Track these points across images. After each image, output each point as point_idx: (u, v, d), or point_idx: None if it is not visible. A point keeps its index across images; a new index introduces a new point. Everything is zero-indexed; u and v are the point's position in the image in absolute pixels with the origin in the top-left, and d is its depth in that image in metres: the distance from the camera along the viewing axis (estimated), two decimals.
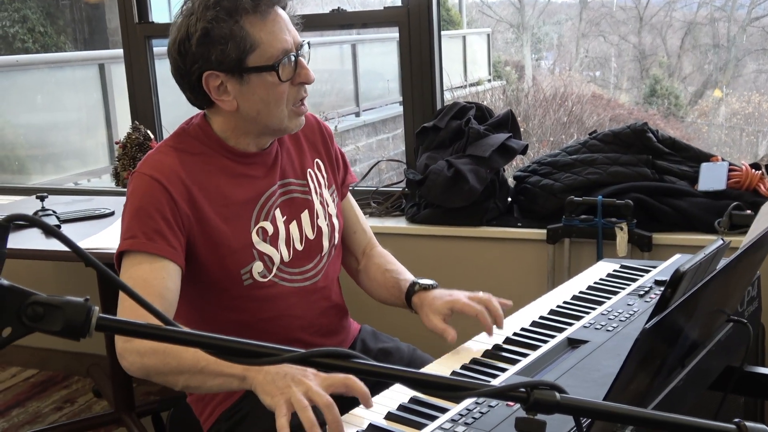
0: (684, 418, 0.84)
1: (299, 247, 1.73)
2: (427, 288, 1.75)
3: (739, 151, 7.89)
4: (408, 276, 1.83)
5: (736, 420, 0.84)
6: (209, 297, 1.67)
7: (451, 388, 0.75)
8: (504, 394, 0.75)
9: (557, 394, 0.76)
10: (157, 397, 3.31)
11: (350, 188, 1.95)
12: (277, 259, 1.69)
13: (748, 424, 0.83)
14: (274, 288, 1.69)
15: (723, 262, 1.19)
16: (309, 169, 1.80)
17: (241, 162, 1.69)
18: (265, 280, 1.68)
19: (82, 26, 8.51)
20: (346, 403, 1.36)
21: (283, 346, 0.71)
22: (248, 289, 1.67)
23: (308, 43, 1.67)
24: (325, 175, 1.83)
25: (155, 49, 3.38)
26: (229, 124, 1.67)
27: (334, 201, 1.84)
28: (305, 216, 1.76)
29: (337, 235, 1.83)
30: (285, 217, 1.72)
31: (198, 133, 1.69)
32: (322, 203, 1.80)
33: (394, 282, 1.83)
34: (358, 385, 1.32)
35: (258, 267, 1.67)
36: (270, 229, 1.69)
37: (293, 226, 1.73)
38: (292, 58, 1.61)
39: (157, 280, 1.54)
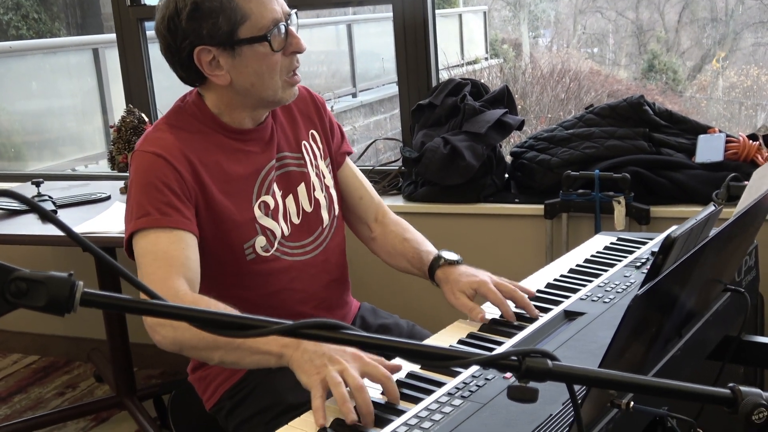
0: (678, 383, 0.84)
1: (296, 220, 1.74)
2: (452, 263, 1.73)
3: (738, 124, 7.86)
4: (429, 247, 1.82)
5: (731, 384, 0.84)
6: (212, 272, 1.67)
7: (443, 358, 0.75)
8: (496, 362, 0.74)
9: (549, 362, 0.75)
10: (158, 380, 3.32)
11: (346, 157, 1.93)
12: (278, 233, 1.70)
13: (743, 388, 0.83)
14: (276, 262, 1.70)
15: (717, 230, 1.18)
16: (304, 141, 1.79)
17: (237, 139, 1.69)
18: (268, 254, 1.68)
19: (75, 12, 8.47)
20: None
21: (273, 318, 0.71)
22: (251, 264, 1.67)
23: (296, 13, 1.66)
24: (320, 146, 1.82)
25: (148, 33, 3.36)
26: (223, 99, 1.67)
27: (330, 172, 1.83)
28: (302, 189, 1.76)
29: (336, 206, 1.82)
30: (281, 192, 1.72)
31: (194, 110, 1.68)
32: (318, 175, 1.79)
33: (415, 252, 1.81)
34: (393, 387, 1.29)
35: (261, 241, 1.67)
36: (271, 203, 1.70)
37: (289, 200, 1.73)
38: (282, 28, 1.60)
39: (179, 252, 1.54)
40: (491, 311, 1.60)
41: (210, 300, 1.51)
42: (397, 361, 1.36)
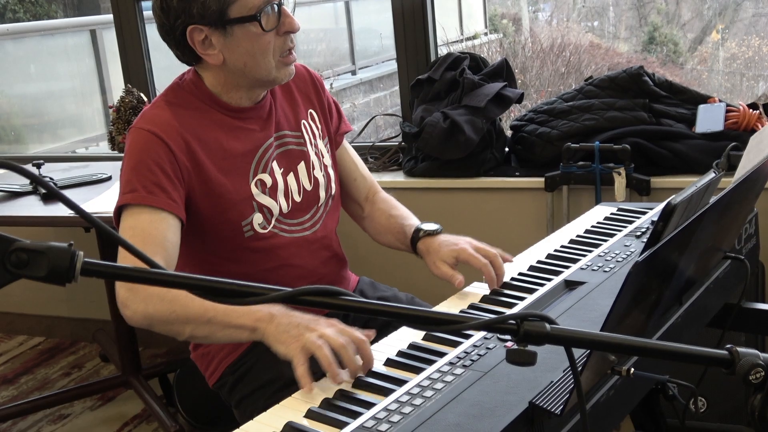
0: (677, 345, 0.85)
1: (297, 198, 1.75)
2: (431, 233, 1.76)
3: (740, 96, 7.83)
4: (413, 221, 1.84)
5: (728, 346, 0.85)
6: (210, 249, 1.68)
7: (442, 322, 0.75)
8: (494, 326, 0.75)
9: (547, 325, 0.76)
10: (163, 359, 3.34)
11: (345, 137, 1.94)
12: (276, 211, 1.71)
13: (740, 349, 0.84)
14: (274, 239, 1.71)
15: (716, 197, 1.19)
16: (303, 121, 1.80)
17: (236, 117, 1.69)
18: (265, 231, 1.69)
19: None
20: None
21: (271, 286, 0.71)
22: (249, 241, 1.68)
23: None
24: (319, 126, 1.83)
25: (145, 12, 3.34)
26: (219, 78, 1.67)
27: (328, 152, 1.84)
28: (302, 167, 1.76)
29: (333, 185, 1.83)
30: (282, 169, 1.73)
31: (192, 88, 1.69)
32: (317, 154, 1.80)
33: (399, 227, 1.84)
34: (368, 350, 1.31)
35: (258, 218, 1.68)
36: (269, 181, 1.70)
37: (290, 177, 1.74)
38: (275, 8, 1.59)
39: (158, 231, 1.55)
40: (487, 287, 1.61)
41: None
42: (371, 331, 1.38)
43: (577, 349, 1.12)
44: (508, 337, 0.83)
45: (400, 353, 1.34)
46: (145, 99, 2.92)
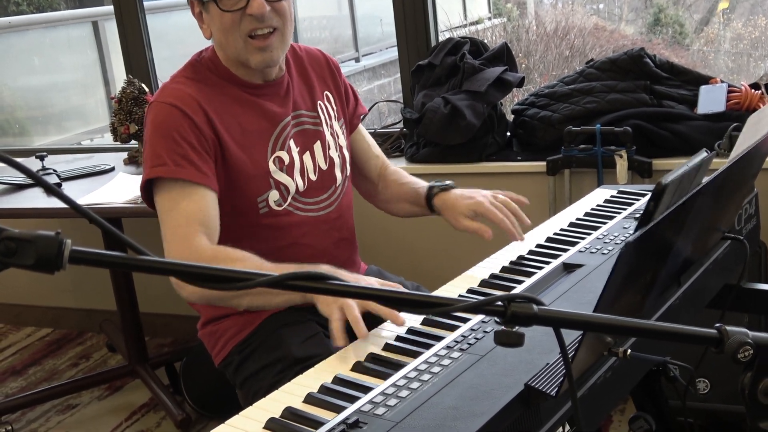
0: (666, 324, 0.85)
1: (313, 177, 1.78)
2: (445, 188, 1.81)
3: (747, 76, 7.78)
4: (424, 183, 1.89)
5: (717, 325, 0.85)
6: (225, 223, 1.70)
7: (429, 305, 0.76)
8: (481, 308, 0.76)
9: (534, 306, 0.76)
10: (169, 348, 3.36)
11: (361, 119, 1.98)
12: (292, 189, 1.74)
13: (729, 328, 0.84)
14: (289, 217, 1.74)
15: (710, 177, 1.19)
16: (319, 102, 1.84)
17: (253, 93, 1.73)
18: (280, 208, 1.72)
19: None
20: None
21: (258, 271, 0.72)
22: (264, 217, 1.72)
23: None
24: (334, 107, 1.87)
25: (145, 3, 3.35)
26: (221, 53, 1.73)
27: (343, 133, 1.88)
28: (317, 147, 1.80)
29: (348, 166, 1.87)
30: (299, 148, 1.76)
31: (210, 65, 1.73)
32: (332, 135, 1.83)
33: (412, 191, 1.89)
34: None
35: (274, 195, 1.71)
36: (286, 158, 1.73)
37: (306, 156, 1.77)
38: None
39: (198, 210, 1.60)
40: (486, 271, 1.61)
41: (228, 249, 1.58)
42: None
43: (573, 332, 1.14)
44: None
45: (399, 338, 1.35)
46: (147, 90, 2.93)
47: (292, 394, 1.22)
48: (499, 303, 0.75)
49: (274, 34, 1.66)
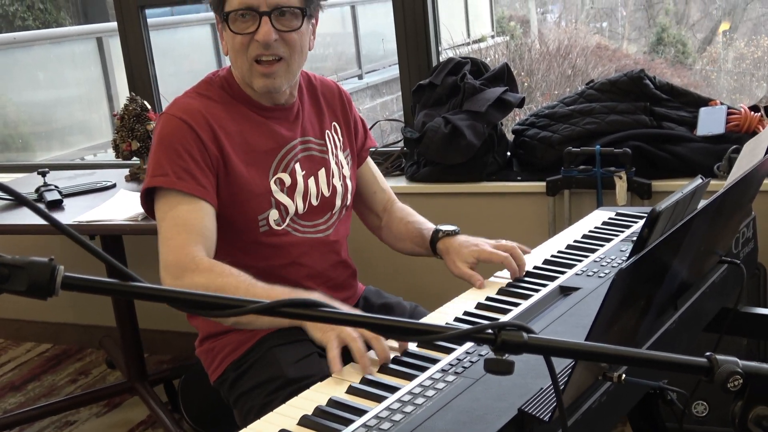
0: (656, 353, 0.85)
1: (314, 202, 1.81)
2: (450, 234, 1.83)
3: (749, 96, 7.80)
4: (430, 225, 1.91)
5: (708, 353, 0.85)
6: (225, 240, 1.72)
7: (419, 332, 0.77)
8: (472, 336, 0.76)
9: (524, 334, 0.77)
10: (168, 365, 3.36)
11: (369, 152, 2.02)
12: (291, 210, 1.77)
13: (719, 357, 0.84)
14: (287, 236, 1.77)
15: (705, 202, 1.19)
16: (327, 131, 1.88)
17: (262, 114, 1.78)
18: (280, 228, 1.76)
19: (83, 1, 8.47)
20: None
21: (249, 298, 0.73)
22: (263, 236, 1.74)
23: (281, 10, 1.67)
24: (341, 139, 1.91)
25: (149, 20, 3.37)
26: (236, 71, 1.77)
27: (348, 164, 1.91)
28: (322, 174, 1.83)
29: (349, 196, 1.90)
30: (304, 172, 1.80)
31: (223, 83, 1.78)
32: (337, 164, 1.87)
33: (417, 231, 1.90)
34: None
35: (274, 215, 1.75)
36: (288, 180, 1.77)
37: (311, 181, 1.81)
38: (253, 14, 1.66)
39: (197, 221, 1.63)
40: (482, 293, 1.62)
41: (224, 266, 1.59)
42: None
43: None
44: None
45: (395, 360, 1.35)
46: (149, 107, 2.94)
47: (286, 416, 1.22)
48: (490, 331, 0.76)
49: (279, 63, 1.69)
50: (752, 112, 2.51)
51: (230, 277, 1.57)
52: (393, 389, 1.23)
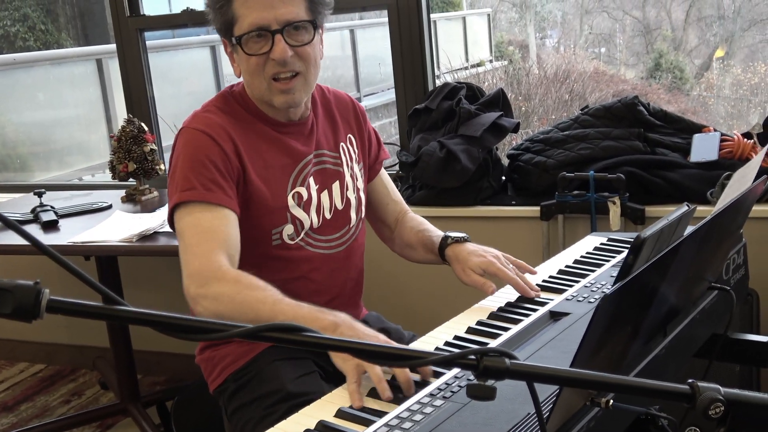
0: (639, 380, 0.86)
1: (328, 215, 1.81)
2: (459, 240, 1.83)
3: (746, 122, 7.84)
4: (440, 232, 1.91)
5: (690, 381, 0.86)
6: None
7: (403, 358, 0.77)
8: (454, 361, 0.76)
9: (507, 360, 0.77)
10: (161, 387, 3.35)
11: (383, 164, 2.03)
12: (306, 224, 1.77)
13: (701, 384, 0.85)
14: (300, 251, 1.77)
15: (692, 229, 1.20)
16: (342, 143, 1.88)
17: (278, 130, 1.78)
18: (293, 242, 1.76)
19: (83, 22, 8.54)
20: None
21: (233, 323, 0.73)
22: (275, 249, 1.74)
23: (294, 26, 1.68)
24: (356, 151, 1.91)
25: (148, 42, 3.39)
26: (250, 91, 1.77)
27: (362, 176, 1.91)
28: (336, 186, 1.84)
29: (363, 209, 1.91)
30: (318, 186, 1.80)
31: (239, 99, 1.79)
32: (352, 176, 1.87)
33: (427, 239, 1.91)
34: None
35: (289, 230, 1.75)
36: (305, 194, 1.77)
37: (324, 195, 1.81)
38: (266, 35, 1.66)
39: (221, 228, 1.62)
40: (473, 318, 1.62)
41: (251, 278, 1.58)
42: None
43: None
44: None
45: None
46: (146, 128, 2.96)
47: None
48: (472, 357, 0.76)
49: (296, 78, 1.70)
50: (745, 139, 2.53)
51: (257, 290, 1.55)
52: (381, 413, 1.23)
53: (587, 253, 1.88)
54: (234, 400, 1.72)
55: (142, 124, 2.95)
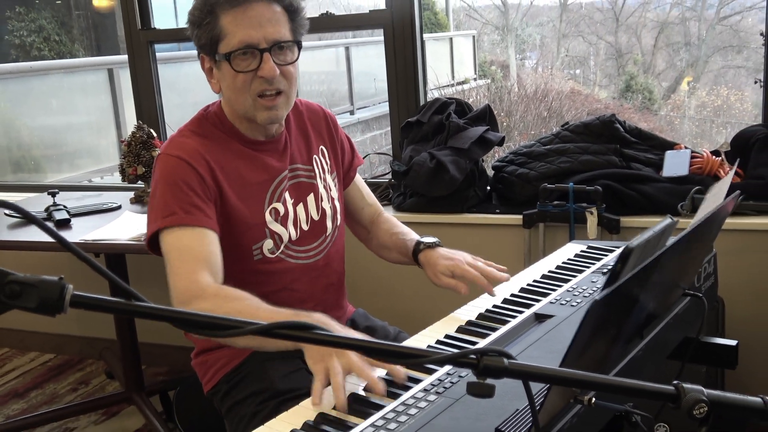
0: (628, 381, 0.85)
1: (305, 227, 1.78)
2: (431, 246, 1.80)
3: (710, 141, 7.89)
4: (414, 236, 1.89)
5: (675, 382, 0.85)
6: None
7: (407, 356, 0.76)
8: (456, 360, 0.75)
9: (505, 360, 0.76)
10: (164, 377, 3.32)
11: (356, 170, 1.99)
12: (285, 238, 1.74)
13: (686, 385, 0.84)
14: (280, 263, 1.73)
15: (673, 240, 1.19)
16: (315, 156, 1.84)
17: (254, 148, 1.73)
18: (273, 256, 1.72)
19: (96, 33, 8.49)
20: None
21: (249, 320, 0.72)
22: (257, 264, 1.71)
23: (280, 45, 1.64)
24: (328, 161, 1.86)
25: (158, 54, 3.37)
26: (228, 108, 1.72)
27: (335, 185, 1.87)
28: (311, 199, 1.80)
29: (339, 216, 1.87)
30: (293, 200, 1.76)
31: (215, 120, 1.73)
32: (325, 187, 1.84)
33: (401, 242, 1.88)
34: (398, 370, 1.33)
35: (268, 244, 1.71)
36: (281, 209, 1.73)
37: (300, 207, 1.77)
38: (255, 53, 1.61)
39: (202, 247, 1.57)
40: (462, 318, 1.61)
41: (231, 290, 1.54)
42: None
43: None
44: None
45: (380, 379, 1.33)
46: (155, 135, 2.93)
47: (275, 430, 1.20)
48: (473, 356, 0.75)
49: (280, 96, 1.66)
50: (714, 157, 2.53)
51: (235, 301, 1.51)
52: (378, 407, 1.22)
53: (569, 259, 1.87)
54: (227, 399, 1.70)
55: (151, 131, 2.93)
